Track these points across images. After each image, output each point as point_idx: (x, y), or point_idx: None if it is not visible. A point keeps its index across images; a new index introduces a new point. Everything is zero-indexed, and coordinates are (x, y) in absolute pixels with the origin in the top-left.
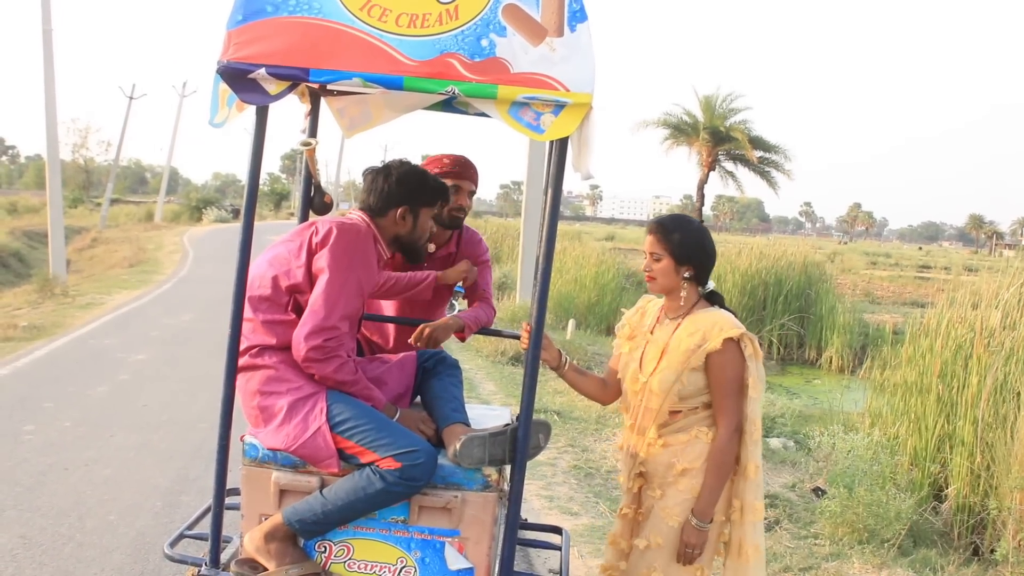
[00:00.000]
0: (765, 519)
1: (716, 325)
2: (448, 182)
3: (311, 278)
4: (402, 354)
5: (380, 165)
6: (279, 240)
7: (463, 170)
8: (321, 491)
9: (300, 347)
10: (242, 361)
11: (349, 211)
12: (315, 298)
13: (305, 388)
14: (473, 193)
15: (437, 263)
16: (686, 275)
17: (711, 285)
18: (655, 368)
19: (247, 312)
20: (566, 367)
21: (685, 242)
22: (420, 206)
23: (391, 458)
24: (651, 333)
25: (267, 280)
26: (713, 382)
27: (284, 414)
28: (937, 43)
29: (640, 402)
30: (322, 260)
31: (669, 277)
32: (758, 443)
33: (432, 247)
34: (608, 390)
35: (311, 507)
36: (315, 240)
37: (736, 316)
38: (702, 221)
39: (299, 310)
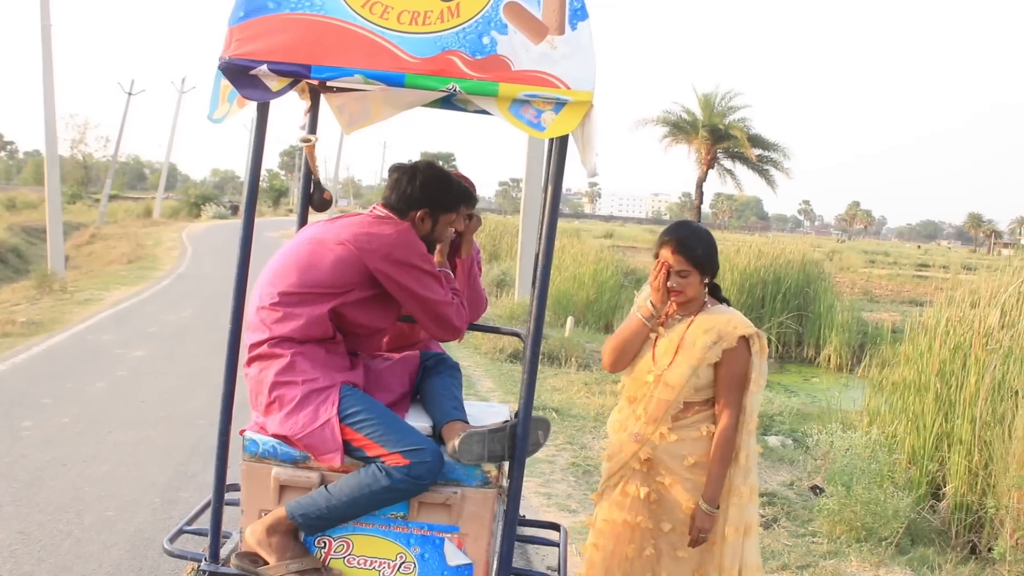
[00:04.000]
0: (763, 516)
1: (731, 323)
2: None
3: (369, 285)
4: (404, 352)
5: (408, 164)
6: (308, 237)
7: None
8: (326, 487)
9: (461, 328)
10: (260, 350)
11: (373, 208)
12: (426, 301)
13: (320, 381)
14: (471, 216)
15: None
16: (706, 281)
17: None
18: (671, 362)
19: (268, 301)
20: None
21: (707, 254)
22: (440, 211)
23: (399, 454)
24: (662, 327)
25: (302, 277)
26: (722, 376)
27: (296, 403)
28: (936, 41)
29: (652, 393)
30: (399, 273)
31: (697, 289)
32: (752, 433)
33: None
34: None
35: (315, 502)
36: (375, 255)
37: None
38: (699, 219)
39: (335, 315)
